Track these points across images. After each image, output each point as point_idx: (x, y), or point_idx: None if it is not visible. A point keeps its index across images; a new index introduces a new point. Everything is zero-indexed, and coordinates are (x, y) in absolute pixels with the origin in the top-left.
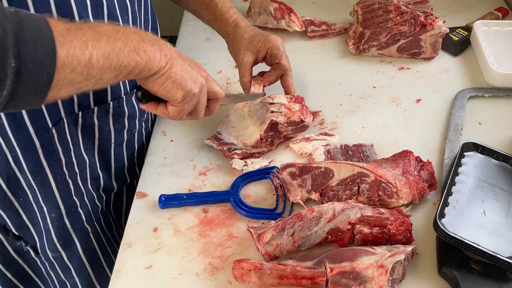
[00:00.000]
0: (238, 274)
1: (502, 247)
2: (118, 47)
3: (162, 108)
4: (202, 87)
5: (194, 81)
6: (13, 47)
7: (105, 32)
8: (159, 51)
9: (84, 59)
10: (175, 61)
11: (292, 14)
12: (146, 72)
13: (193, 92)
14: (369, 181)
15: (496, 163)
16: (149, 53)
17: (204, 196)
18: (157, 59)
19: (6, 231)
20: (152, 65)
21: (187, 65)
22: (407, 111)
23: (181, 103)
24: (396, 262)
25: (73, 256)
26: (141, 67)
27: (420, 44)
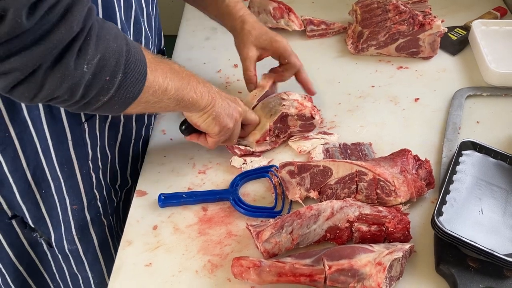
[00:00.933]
0: (237, 272)
1: (499, 244)
2: (184, 83)
3: (203, 139)
4: (236, 122)
5: (230, 117)
6: (123, 65)
7: (176, 69)
8: (208, 92)
9: (163, 86)
10: (217, 101)
11: (291, 14)
12: (196, 107)
13: (228, 127)
14: (368, 180)
15: (494, 161)
16: (202, 93)
17: (203, 195)
18: (205, 98)
19: (23, 223)
20: (201, 103)
21: (226, 104)
22: (405, 110)
23: (217, 135)
24: (394, 259)
25: (89, 249)
26: (194, 103)
27: (419, 43)
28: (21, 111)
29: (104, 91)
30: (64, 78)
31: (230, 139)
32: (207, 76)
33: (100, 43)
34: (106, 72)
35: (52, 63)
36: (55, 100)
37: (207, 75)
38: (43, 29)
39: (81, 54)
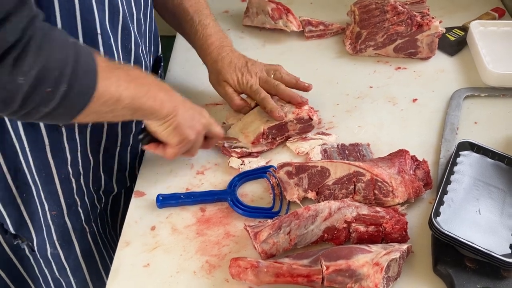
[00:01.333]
0: (234, 272)
1: (496, 245)
2: (142, 91)
3: (161, 149)
4: (198, 134)
5: (192, 128)
6: (68, 76)
7: (134, 76)
8: (170, 101)
9: (116, 95)
10: (180, 111)
11: (290, 14)
12: (156, 117)
13: (189, 138)
14: (365, 180)
15: (492, 162)
16: (162, 102)
17: (201, 196)
18: (167, 108)
19: (3, 230)
20: (162, 112)
21: (189, 115)
22: (403, 111)
23: (177, 146)
24: (391, 260)
25: (71, 256)
26: (153, 112)
27: (417, 44)
28: None
29: (45, 102)
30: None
31: (190, 151)
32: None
33: (41, 54)
34: (47, 83)
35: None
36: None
37: (205, 76)
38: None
39: (16, 65)
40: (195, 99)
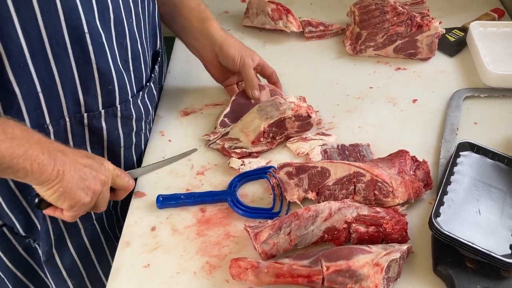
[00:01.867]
0: (235, 273)
1: (496, 245)
2: (17, 152)
3: (59, 213)
4: (94, 194)
5: (86, 190)
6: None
7: (13, 136)
8: (53, 165)
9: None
10: (67, 174)
11: (290, 15)
12: (33, 180)
13: (82, 202)
14: (365, 181)
15: (491, 162)
16: (42, 165)
17: (202, 196)
18: (47, 172)
19: (14, 233)
20: (40, 176)
21: (79, 176)
22: (403, 111)
23: (71, 210)
24: (392, 260)
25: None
26: (28, 175)
27: (417, 44)
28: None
29: None
30: None
31: (96, 207)
32: (205, 77)
33: None
34: None
35: None
36: None
37: (205, 76)
38: None
39: None
40: (195, 100)
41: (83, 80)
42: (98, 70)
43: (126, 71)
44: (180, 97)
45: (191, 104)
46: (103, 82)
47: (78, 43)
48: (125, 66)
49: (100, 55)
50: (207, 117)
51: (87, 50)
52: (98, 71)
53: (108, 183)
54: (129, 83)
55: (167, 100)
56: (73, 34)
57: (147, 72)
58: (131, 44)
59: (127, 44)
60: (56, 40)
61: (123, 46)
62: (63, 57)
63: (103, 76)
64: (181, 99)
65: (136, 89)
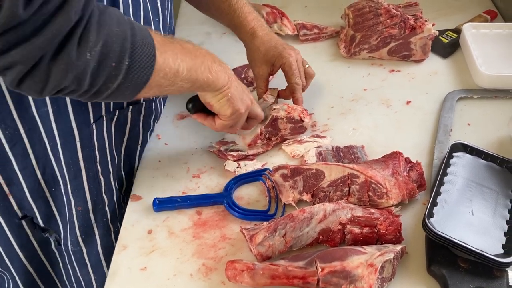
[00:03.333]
0: (231, 275)
1: (489, 245)
2: (198, 63)
3: (210, 120)
4: (247, 108)
5: (243, 102)
6: (129, 49)
7: (189, 49)
8: (224, 72)
9: (174, 68)
10: (234, 83)
11: (284, 18)
12: (212, 88)
13: (240, 111)
14: (359, 182)
15: (484, 163)
16: (218, 73)
17: (198, 199)
18: (222, 78)
19: (33, 224)
20: (218, 83)
21: (240, 88)
22: (397, 113)
23: (228, 118)
24: (386, 261)
25: (92, 252)
26: (210, 83)
27: (410, 46)
28: (29, 107)
29: (112, 77)
30: (68, 68)
31: (234, 127)
32: None
33: (101, 30)
34: (111, 58)
35: (54, 54)
36: (63, 91)
37: None
38: (41, 20)
39: (82, 42)
40: None
41: None
42: None
43: None
44: (176, 100)
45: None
46: None
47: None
48: None
49: None
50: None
51: None
52: None
53: (252, 104)
54: None
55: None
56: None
57: None
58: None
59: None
60: None
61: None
62: None
63: None
64: (177, 102)
65: None
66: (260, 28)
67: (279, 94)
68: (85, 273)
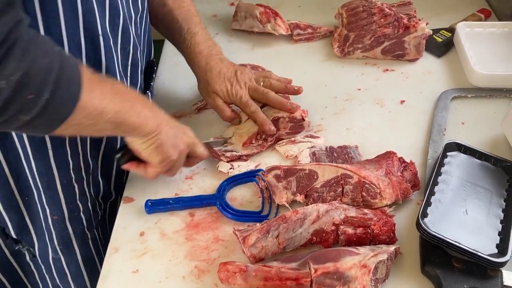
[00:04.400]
0: (223, 277)
1: (483, 245)
2: (127, 107)
3: (142, 168)
4: (180, 154)
5: (175, 148)
6: (52, 84)
7: (119, 91)
8: (154, 118)
9: (99, 108)
10: (164, 129)
11: (278, 18)
12: (138, 133)
13: (171, 158)
14: (353, 182)
15: (478, 162)
16: (146, 119)
17: (190, 201)
18: (150, 125)
19: (5, 234)
20: (145, 129)
21: (172, 133)
22: (391, 113)
23: (159, 165)
24: (379, 262)
25: (72, 261)
26: (136, 128)
27: (404, 46)
28: None
29: (25, 110)
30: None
31: (171, 171)
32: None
33: (25, 59)
34: (29, 90)
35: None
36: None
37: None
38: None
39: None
40: (184, 104)
41: None
42: (106, 73)
43: (125, 76)
44: (169, 101)
45: (180, 109)
46: None
47: (92, 45)
48: (125, 72)
49: (110, 58)
50: (196, 122)
51: (99, 52)
52: (106, 74)
53: (189, 148)
54: None
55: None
56: (89, 36)
57: (141, 80)
58: (133, 50)
59: (130, 50)
60: (73, 41)
61: (126, 52)
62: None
63: None
64: (169, 103)
65: None
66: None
67: None
68: (65, 282)
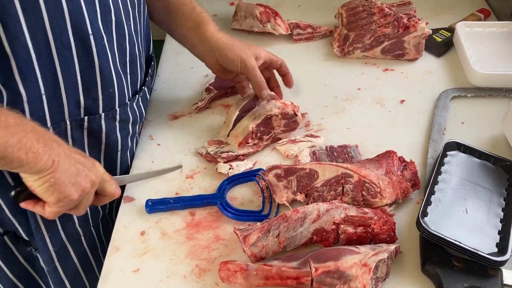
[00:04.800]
0: (224, 276)
1: (483, 244)
2: (13, 141)
3: (40, 207)
4: (83, 192)
5: (76, 186)
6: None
7: (8, 124)
8: (48, 154)
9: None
10: (61, 166)
11: (278, 18)
12: (26, 170)
13: (71, 197)
14: (353, 182)
15: (478, 161)
16: (37, 154)
17: (191, 200)
18: (43, 161)
19: (16, 238)
20: (35, 166)
21: (73, 170)
22: (391, 112)
23: (56, 205)
24: (379, 260)
25: (68, 266)
26: (23, 165)
27: (404, 45)
28: None
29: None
30: None
31: (76, 209)
32: (194, 81)
33: None
34: None
35: None
36: None
37: (194, 80)
38: None
39: None
40: (184, 103)
41: (85, 83)
42: (101, 73)
43: (124, 74)
44: (169, 100)
45: (180, 108)
46: (104, 85)
47: (83, 45)
48: (124, 69)
49: (103, 57)
50: (196, 121)
51: (91, 52)
52: (101, 74)
53: (96, 185)
54: (127, 87)
55: (156, 104)
56: (78, 36)
57: (141, 76)
58: (130, 47)
59: (126, 46)
60: (61, 41)
61: (122, 49)
62: (68, 59)
63: (104, 79)
64: (170, 102)
65: (132, 93)
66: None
67: None
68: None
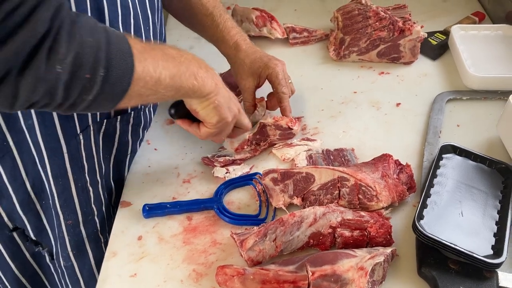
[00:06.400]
0: (221, 280)
1: (478, 246)
2: (182, 70)
3: (195, 127)
4: (234, 117)
5: (230, 110)
6: (104, 59)
7: (172, 55)
8: (211, 79)
9: (155, 76)
10: (221, 90)
11: (274, 22)
12: (198, 94)
13: (227, 120)
14: (349, 185)
15: (474, 164)
16: (204, 79)
17: (188, 205)
18: (209, 85)
19: (24, 236)
20: (204, 90)
21: (228, 95)
22: (387, 115)
23: (214, 126)
24: (376, 264)
25: (85, 267)
26: (196, 90)
27: (399, 49)
28: (17, 119)
29: (87, 89)
30: (38, 82)
31: (219, 135)
32: None
33: (72, 41)
34: (85, 69)
35: (21, 68)
36: (36, 105)
37: None
38: (5, 32)
39: (51, 55)
40: None
41: None
42: None
43: None
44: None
45: None
46: None
47: None
48: None
49: None
50: None
51: None
52: None
53: (238, 115)
54: None
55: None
56: None
57: None
58: None
59: None
60: None
61: None
62: None
63: None
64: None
65: None
66: (244, 41)
67: (266, 104)
68: (78, 286)
